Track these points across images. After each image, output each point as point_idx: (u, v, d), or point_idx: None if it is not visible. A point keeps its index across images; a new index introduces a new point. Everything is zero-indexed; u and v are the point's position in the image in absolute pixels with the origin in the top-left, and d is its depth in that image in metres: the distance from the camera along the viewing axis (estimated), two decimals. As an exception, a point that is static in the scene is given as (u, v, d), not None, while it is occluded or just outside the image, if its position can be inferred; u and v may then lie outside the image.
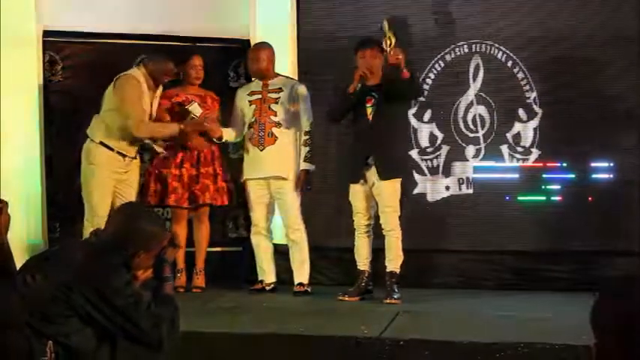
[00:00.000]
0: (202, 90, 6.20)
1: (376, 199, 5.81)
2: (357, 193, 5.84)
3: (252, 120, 6.07)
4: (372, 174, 5.76)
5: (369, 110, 5.75)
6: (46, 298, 2.76)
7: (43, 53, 6.49)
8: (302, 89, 6.15)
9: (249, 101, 6.10)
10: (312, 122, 6.09)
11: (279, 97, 6.09)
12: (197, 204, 6.07)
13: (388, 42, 5.63)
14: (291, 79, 6.28)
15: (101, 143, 5.85)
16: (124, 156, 5.86)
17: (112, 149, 5.84)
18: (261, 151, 6.04)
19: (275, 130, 6.05)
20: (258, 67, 6.07)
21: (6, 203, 3.14)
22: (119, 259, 2.89)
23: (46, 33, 6.50)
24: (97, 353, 2.83)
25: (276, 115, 6.06)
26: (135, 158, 5.97)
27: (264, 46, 6.11)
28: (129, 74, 5.81)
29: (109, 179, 5.81)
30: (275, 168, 6.02)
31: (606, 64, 6.29)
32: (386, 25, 5.68)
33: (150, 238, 2.94)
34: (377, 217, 5.83)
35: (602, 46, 6.27)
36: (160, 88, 6.03)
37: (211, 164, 6.09)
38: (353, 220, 5.87)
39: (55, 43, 6.54)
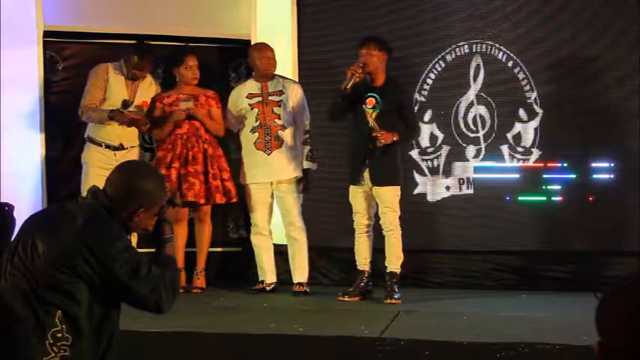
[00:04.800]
0: (197, 89, 6.20)
1: (376, 199, 5.81)
2: (356, 193, 5.84)
3: (256, 124, 6.07)
4: (369, 176, 5.76)
5: (370, 113, 5.74)
6: (49, 265, 2.73)
7: (44, 53, 6.49)
8: (299, 89, 6.16)
9: (250, 104, 6.09)
10: (310, 121, 6.10)
11: (282, 100, 6.09)
12: (184, 202, 6.06)
13: (375, 128, 5.63)
14: (288, 79, 6.27)
15: (88, 138, 5.99)
16: (115, 149, 5.91)
17: (99, 144, 5.94)
18: (269, 155, 6.04)
19: (280, 133, 6.05)
20: (268, 67, 6.06)
21: (12, 207, 3.13)
22: (118, 221, 2.85)
23: (47, 33, 6.50)
24: (100, 318, 2.79)
25: (280, 118, 6.06)
26: (134, 147, 6.02)
27: (270, 46, 6.11)
28: (100, 64, 6.03)
29: (101, 176, 5.80)
30: (282, 171, 6.04)
31: (607, 65, 6.28)
32: (366, 110, 5.66)
33: (149, 195, 2.87)
34: (377, 217, 5.83)
35: (603, 47, 6.26)
36: (150, 80, 6.10)
37: (202, 163, 6.08)
38: (353, 220, 5.87)
39: (55, 43, 6.54)
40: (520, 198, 6.38)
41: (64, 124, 6.47)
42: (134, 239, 5.72)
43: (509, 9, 6.38)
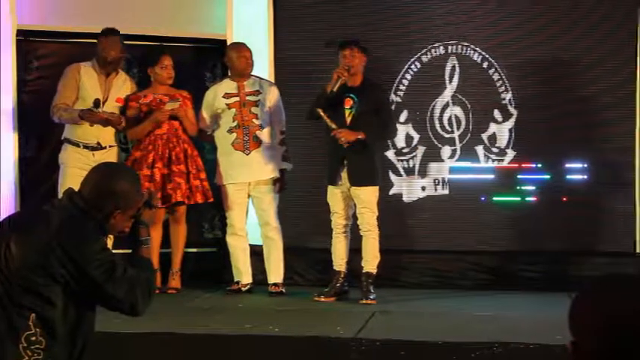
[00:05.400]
0: (172, 89, 6.18)
1: (354, 200, 5.82)
2: (334, 194, 5.84)
3: (234, 124, 6.05)
4: (347, 177, 5.78)
5: (347, 113, 5.76)
6: (24, 267, 2.70)
7: (18, 53, 6.44)
8: (275, 89, 6.17)
9: (227, 104, 6.08)
10: (285, 121, 6.11)
11: (259, 100, 6.08)
12: (170, 203, 6.04)
13: (332, 127, 5.64)
14: (265, 80, 6.26)
15: (65, 139, 5.96)
16: (93, 149, 5.88)
17: (77, 144, 5.91)
18: (247, 155, 6.03)
19: (258, 133, 6.05)
20: (246, 66, 6.05)
21: None
22: (94, 223, 2.83)
23: (21, 32, 6.45)
24: (75, 321, 2.77)
25: (257, 118, 6.06)
26: (112, 147, 5.99)
27: (247, 46, 6.10)
28: (72, 64, 6.01)
29: (78, 177, 5.77)
30: (261, 171, 6.04)
31: (581, 66, 6.33)
32: (321, 112, 5.69)
33: (125, 197, 2.86)
34: (355, 218, 5.84)
35: (578, 49, 6.31)
36: (124, 77, 6.08)
37: (184, 163, 6.07)
38: (330, 221, 5.87)
39: (29, 43, 6.49)
40: (495, 198, 6.42)
41: (38, 125, 6.41)
42: (110, 242, 5.70)
43: (484, 10, 6.41)
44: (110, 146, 6.03)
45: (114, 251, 5.21)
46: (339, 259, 5.87)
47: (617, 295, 1.67)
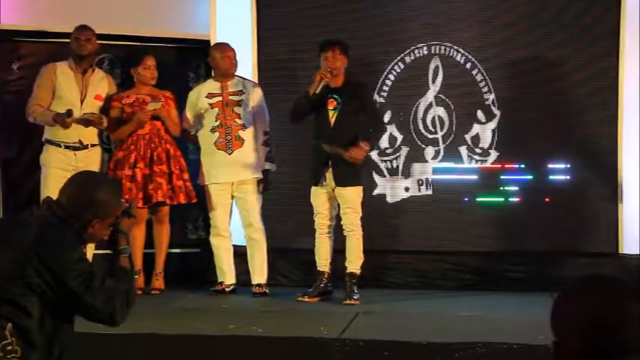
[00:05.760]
0: (155, 89, 6.16)
1: (338, 200, 5.82)
2: (318, 194, 5.84)
3: (217, 124, 6.04)
4: (332, 177, 5.77)
5: (331, 114, 5.76)
6: (0, 277, 2.68)
7: (-1, 53, 6.41)
8: (259, 90, 6.16)
9: (210, 104, 6.06)
10: (269, 121, 6.11)
11: (242, 100, 6.07)
12: (151, 203, 6.02)
13: (340, 152, 5.66)
14: (249, 80, 6.26)
15: (46, 140, 5.91)
16: (75, 149, 5.84)
17: (58, 145, 5.87)
18: (230, 155, 6.02)
19: (241, 133, 6.04)
20: (230, 66, 6.04)
21: None
22: (72, 232, 2.81)
23: (2, 32, 6.41)
24: (52, 330, 2.75)
25: (240, 118, 6.05)
26: (95, 146, 5.96)
27: (231, 46, 6.09)
28: (47, 64, 5.99)
29: (61, 177, 5.76)
30: (244, 171, 6.03)
31: (564, 67, 6.36)
32: (326, 148, 5.70)
33: (103, 205, 2.84)
34: (338, 219, 5.84)
35: (562, 49, 6.34)
36: (102, 74, 6.04)
37: (166, 163, 6.05)
38: (314, 221, 5.87)
39: (10, 42, 6.45)
40: (478, 199, 6.43)
41: (19, 125, 6.37)
42: (90, 252, 5.66)
43: (467, 11, 6.43)
44: (92, 145, 5.99)
45: (96, 252, 5.22)
46: (323, 260, 5.87)
47: (599, 295, 1.67)
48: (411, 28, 6.46)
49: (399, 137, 6.48)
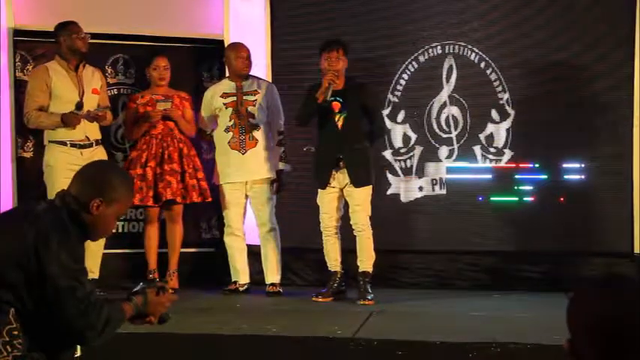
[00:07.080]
0: (171, 90, 6.19)
1: (347, 199, 5.81)
2: (325, 196, 5.83)
3: (231, 123, 6.05)
4: (344, 177, 5.75)
5: (338, 117, 5.74)
6: (2, 264, 2.68)
7: (14, 53, 6.43)
8: (273, 89, 6.17)
9: (224, 104, 6.08)
10: (284, 121, 6.11)
11: (256, 100, 6.08)
12: (161, 201, 6.04)
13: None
14: (263, 79, 6.27)
15: (49, 142, 5.88)
16: (81, 147, 5.82)
17: (63, 143, 5.83)
18: (244, 154, 6.03)
19: (255, 132, 6.04)
20: (244, 66, 6.05)
21: None
22: (78, 231, 2.77)
23: (17, 32, 6.44)
24: (48, 321, 2.75)
25: (254, 118, 6.05)
26: (99, 143, 5.92)
27: (246, 46, 6.10)
28: (38, 66, 5.97)
29: (66, 178, 5.74)
30: (258, 171, 6.03)
31: (579, 66, 6.34)
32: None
33: (111, 186, 2.80)
34: (346, 219, 5.83)
35: (575, 48, 6.32)
36: (91, 69, 6.00)
37: (177, 162, 6.06)
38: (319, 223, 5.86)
39: (26, 43, 6.48)
40: (492, 198, 6.42)
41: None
42: (99, 249, 5.63)
43: (481, 10, 6.42)
44: (97, 141, 5.92)
45: (106, 251, 5.19)
46: (333, 260, 5.87)
47: (610, 295, 1.67)
48: (425, 27, 6.46)
49: (413, 137, 6.48)
